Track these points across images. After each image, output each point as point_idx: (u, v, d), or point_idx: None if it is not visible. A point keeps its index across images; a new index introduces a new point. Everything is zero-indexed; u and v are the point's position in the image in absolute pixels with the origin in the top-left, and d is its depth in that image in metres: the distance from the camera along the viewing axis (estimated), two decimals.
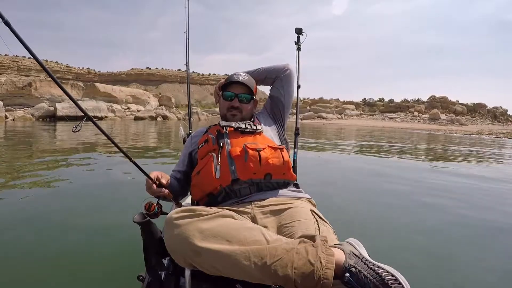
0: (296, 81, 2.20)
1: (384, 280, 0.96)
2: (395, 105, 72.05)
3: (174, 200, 1.71)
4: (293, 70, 2.09)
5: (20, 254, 2.59)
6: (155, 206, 1.42)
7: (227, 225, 1.18)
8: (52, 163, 6.88)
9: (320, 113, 64.53)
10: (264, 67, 2.11)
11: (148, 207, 1.40)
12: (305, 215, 1.41)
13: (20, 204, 3.83)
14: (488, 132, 35.73)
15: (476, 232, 3.56)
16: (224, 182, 1.55)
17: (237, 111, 1.85)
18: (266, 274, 1.06)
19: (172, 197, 1.65)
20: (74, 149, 9.46)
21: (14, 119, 28.95)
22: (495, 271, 2.67)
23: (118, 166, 6.57)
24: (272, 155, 1.60)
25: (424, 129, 40.62)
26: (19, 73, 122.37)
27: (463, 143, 19.73)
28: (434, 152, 13.19)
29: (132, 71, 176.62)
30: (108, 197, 4.35)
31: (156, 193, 1.53)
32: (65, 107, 32.60)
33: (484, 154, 13.01)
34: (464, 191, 5.60)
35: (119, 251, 2.67)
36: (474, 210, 4.39)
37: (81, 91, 46.83)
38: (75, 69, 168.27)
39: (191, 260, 1.15)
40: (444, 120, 56.34)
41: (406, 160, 9.78)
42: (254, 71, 2.09)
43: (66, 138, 13.60)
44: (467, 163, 9.68)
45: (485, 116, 62.12)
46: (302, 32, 2.97)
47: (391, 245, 3.08)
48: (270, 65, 2.10)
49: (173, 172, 1.92)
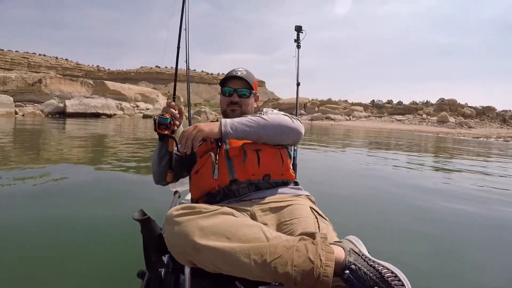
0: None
1: (384, 277, 0.96)
2: (403, 107, 71.42)
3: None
4: (302, 134, 1.73)
5: (20, 248, 2.61)
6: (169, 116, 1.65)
7: (227, 223, 1.18)
8: (56, 158, 6.95)
9: (328, 114, 64.20)
10: (274, 125, 1.61)
11: (162, 115, 1.64)
12: (304, 213, 1.40)
13: (20, 198, 3.90)
14: (497, 136, 35.36)
15: (477, 230, 3.59)
16: (222, 182, 1.55)
17: (237, 106, 1.83)
18: (266, 272, 1.06)
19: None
20: (80, 145, 9.53)
21: (23, 115, 29.29)
22: (493, 268, 2.69)
23: (121, 163, 6.61)
24: (271, 156, 1.60)
25: (432, 132, 40.30)
26: (29, 69, 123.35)
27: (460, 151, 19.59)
28: (438, 152, 13.13)
29: (141, 70, 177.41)
30: (108, 193, 4.38)
31: (170, 111, 1.68)
32: (74, 104, 32.87)
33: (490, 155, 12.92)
34: (465, 190, 5.59)
35: (119, 248, 2.67)
36: (475, 208, 4.44)
37: (91, 88, 47.07)
38: (85, 67, 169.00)
39: (191, 257, 1.15)
40: (452, 123, 55.82)
41: (408, 161, 9.70)
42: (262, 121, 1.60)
43: (74, 134, 13.69)
44: (470, 161, 9.64)
45: (494, 119, 61.38)
46: (301, 30, 2.97)
47: (390, 242, 3.09)
48: (280, 126, 1.62)
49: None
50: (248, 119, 1.59)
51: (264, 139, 1.61)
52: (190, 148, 1.50)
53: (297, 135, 1.67)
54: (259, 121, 1.58)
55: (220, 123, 1.56)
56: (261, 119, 1.59)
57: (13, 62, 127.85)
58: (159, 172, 1.81)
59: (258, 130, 1.57)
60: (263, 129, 1.57)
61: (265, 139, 1.61)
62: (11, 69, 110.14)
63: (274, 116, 1.64)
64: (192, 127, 1.54)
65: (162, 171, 1.80)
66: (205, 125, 1.55)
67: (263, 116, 1.62)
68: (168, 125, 1.65)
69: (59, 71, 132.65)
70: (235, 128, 1.54)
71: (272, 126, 1.59)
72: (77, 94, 42.26)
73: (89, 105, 34.31)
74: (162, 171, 1.80)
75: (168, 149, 1.75)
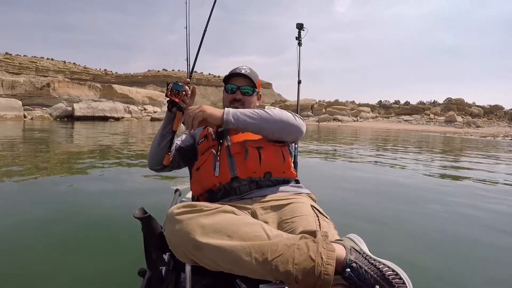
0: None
1: (385, 275, 0.96)
2: (411, 108, 71.05)
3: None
4: (304, 132, 1.74)
5: (21, 246, 2.64)
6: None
7: (228, 221, 1.18)
8: (64, 160, 6.99)
9: (335, 116, 64.08)
10: (276, 120, 1.61)
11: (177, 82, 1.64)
12: (305, 211, 1.39)
13: (23, 196, 3.98)
14: (504, 135, 35.08)
15: (478, 230, 3.55)
16: (223, 179, 1.54)
17: (240, 103, 1.82)
18: (267, 270, 1.05)
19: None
20: (84, 146, 9.59)
21: (32, 118, 29.54)
22: (495, 268, 2.67)
23: (123, 162, 6.65)
24: (272, 153, 1.59)
25: (440, 132, 40.08)
26: (37, 73, 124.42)
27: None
28: (443, 152, 13.04)
29: (149, 73, 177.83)
30: (109, 192, 4.42)
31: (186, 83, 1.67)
32: (83, 107, 33.09)
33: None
34: (469, 190, 5.59)
35: (119, 246, 2.69)
36: (478, 207, 4.43)
37: (99, 92, 47.36)
38: (92, 70, 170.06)
39: (191, 255, 1.15)
40: (460, 123, 55.46)
41: (411, 160, 9.66)
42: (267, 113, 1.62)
43: (82, 137, 13.78)
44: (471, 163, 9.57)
45: (502, 119, 60.91)
46: (303, 28, 2.96)
47: (392, 240, 3.09)
48: (282, 122, 1.62)
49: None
50: (251, 111, 1.59)
51: (265, 133, 1.61)
52: (190, 125, 1.51)
53: (298, 133, 1.68)
54: (262, 114, 1.58)
55: (223, 110, 1.56)
56: (265, 113, 1.59)
57: (21, 66, 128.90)
58: (157, 153, 1.75)
59: (260, 123, 1.57)
60: (265, 123, 1.58)
61: (265, 133, 1.61)
62: (20, 73, 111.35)
63: (277, 111, 1.63)
64: (197, 106, 1.56)
65: (161, 152, 1.74)
66: (208, 108, 1.56)
67: (266, 110, 1.63)
68: (180, 93, 1.62)
69: (67, 75, 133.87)
70: (237, 117, 1.54)
71: (274, 121, 1.59)
72: (85, 98, 42.51)
73: (97, 109, 34.54)
74: (161, 152, 1.74)
75: (173, 127, 1.71)
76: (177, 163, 1.88)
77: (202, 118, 1.52)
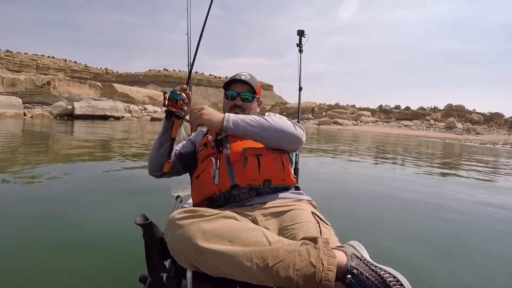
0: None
1: (386, 282, 0.96)
2: (411, 113, 71.02)
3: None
4: (303, 142, 1.72)
5: (23, 250, 2.61)
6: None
7: (230, 226, 1.18)
8: (60, 160, 7.00)
9: (336, 119, 64.10)
10: (276, 129, 1.60)
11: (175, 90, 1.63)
12: (306, 217, 1.40)
13: (24, 200, 3.94)
14: (503, 142, 35.13)
15: (480, 235, 3.58)
16: (222, 187, 1.55)
17: (240, 109, 1.83)
18: (268, 276, 1.06)
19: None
20: (85, 147, 9.58)
21: (32, 116, 29.49)
22: (496, 274, 2.68)
23: (124, 167, 6.64)
24: (272, 161, 1.59)
25: (439, 138, 40.12)
26: (38, 71, 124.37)
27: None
28: (442, 158, 13.05)
29: (150, 72, 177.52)
30: (110, 198, 4.33)
31: (182, 90, 1.66)
32: (83, 106, 33.06)
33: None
34: (467, 197, 5.54)
35: (120, 252, 2.67)
36: (478, 212, 4.49)
37: (99, 91, 47.40)
38: (93, 69, 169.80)
39: (193, 261, 1.15)
40: (460, 129, 55.49)
41: (410, 166, 9.66)
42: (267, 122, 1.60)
43: (81, 136, 13.76)
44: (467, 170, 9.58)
45: (502, 126, 60.97)
46: (304, 34, 2.97)
47: (392, 247, 3.06)
48: (283, 131, 1.60)
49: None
50: (252, 118, 1.58)
51: (264, 141, 1.61)
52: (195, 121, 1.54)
53: (297, 142, 1.67)
54: (262, 122, 1.58)
55: (223, 116, 1.56)
56: (265, 121, 1.59)
57: (22, 64, 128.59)
58: (156, 159, 1.77)
59: (260, 131, 1.57)
60: (264, 131, 1.57)
61: (264, 141, 1.61)
62: (20, 71, 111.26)
63: (278, 120, 1.63)
64: (200, 107, 1.57)
65: (160, 159, 1.76)
66: (208, 112, 1.56)
67: (267, 118, 1.62)
68: (178, 102, 1.61)
69: (68, 73, 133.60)
70: (237, 124, 1.54)
71: (274, 129, 1.58)
72: (85, 96, 42.57)
73: (97, 107, 34.43)
74: (160, 159, 1.76)
75: (171, 134, 1.72)
76: (177, 169, 1.89)
77: (199, 123, 1.54)
